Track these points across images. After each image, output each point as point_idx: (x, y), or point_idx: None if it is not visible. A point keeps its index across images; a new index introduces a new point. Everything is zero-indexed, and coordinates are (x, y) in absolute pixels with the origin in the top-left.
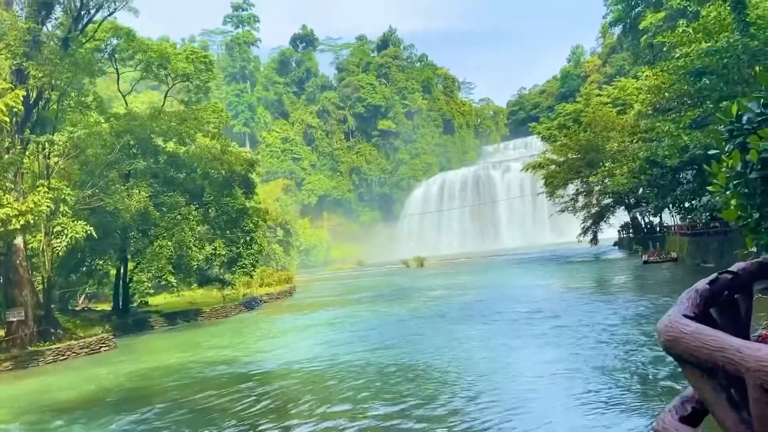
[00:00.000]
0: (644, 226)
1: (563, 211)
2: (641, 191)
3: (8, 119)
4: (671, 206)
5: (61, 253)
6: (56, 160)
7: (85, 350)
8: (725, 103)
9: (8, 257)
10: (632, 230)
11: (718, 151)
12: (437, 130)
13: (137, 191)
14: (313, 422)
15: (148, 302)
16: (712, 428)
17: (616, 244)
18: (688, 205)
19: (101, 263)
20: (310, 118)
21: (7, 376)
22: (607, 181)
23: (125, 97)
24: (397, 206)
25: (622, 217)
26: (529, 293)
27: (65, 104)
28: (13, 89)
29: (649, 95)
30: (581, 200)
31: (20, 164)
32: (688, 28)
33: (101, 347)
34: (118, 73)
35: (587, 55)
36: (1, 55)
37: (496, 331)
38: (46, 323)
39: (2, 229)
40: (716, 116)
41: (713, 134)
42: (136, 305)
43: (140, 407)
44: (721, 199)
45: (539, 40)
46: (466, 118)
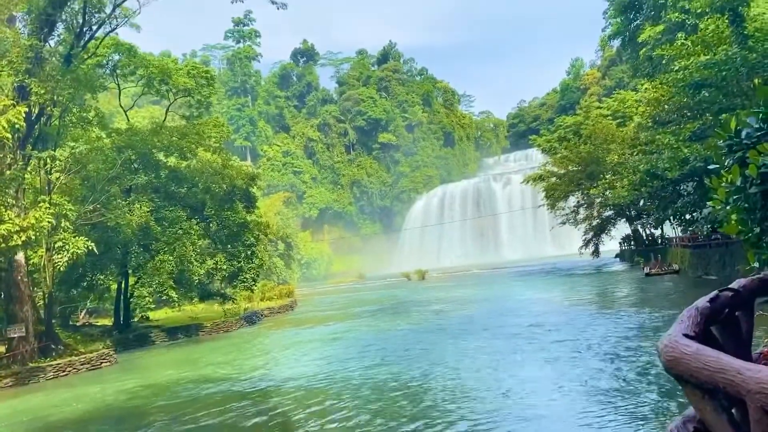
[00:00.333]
0: (645, 238)
1: (564, 223)
2: (642, 203)
3: (10, 135)
4: (672, 218)
5: (62, 268)
6: (58, 175)
7: (86, 366)
8: (725, 115)
9: (9, 273)
10: (634, 242)
11: (718, 165)
12: (437, 142)
13: (138, 206)
14: None
15: (149, 317)
16: None
17: (617, 256)
18: (689, 217)
19: (102, 278)
20: (311, 131)
21: (7, 392)
22: (607, 193)
23: (127, 112)
24: (398, 219)
25: (623, 229)
26: (530, 307)
27: (67, 120)
28: (15, 105)
29: (648, 108)
30: (582, 212)
31: (22, 180)
32: (686, 41)
33: (102, 363)
34: (119, 88)
35: (587, 67)
36: (3, 71)
37: (497, 346)
38: (47, 339)
39: (3, 245)
40: (715, 131)
41: (713, 149)
42: (137, 320)
43: (141, 424)
44: (721, 213)
45: (539, 53)
46: (466, 130)
